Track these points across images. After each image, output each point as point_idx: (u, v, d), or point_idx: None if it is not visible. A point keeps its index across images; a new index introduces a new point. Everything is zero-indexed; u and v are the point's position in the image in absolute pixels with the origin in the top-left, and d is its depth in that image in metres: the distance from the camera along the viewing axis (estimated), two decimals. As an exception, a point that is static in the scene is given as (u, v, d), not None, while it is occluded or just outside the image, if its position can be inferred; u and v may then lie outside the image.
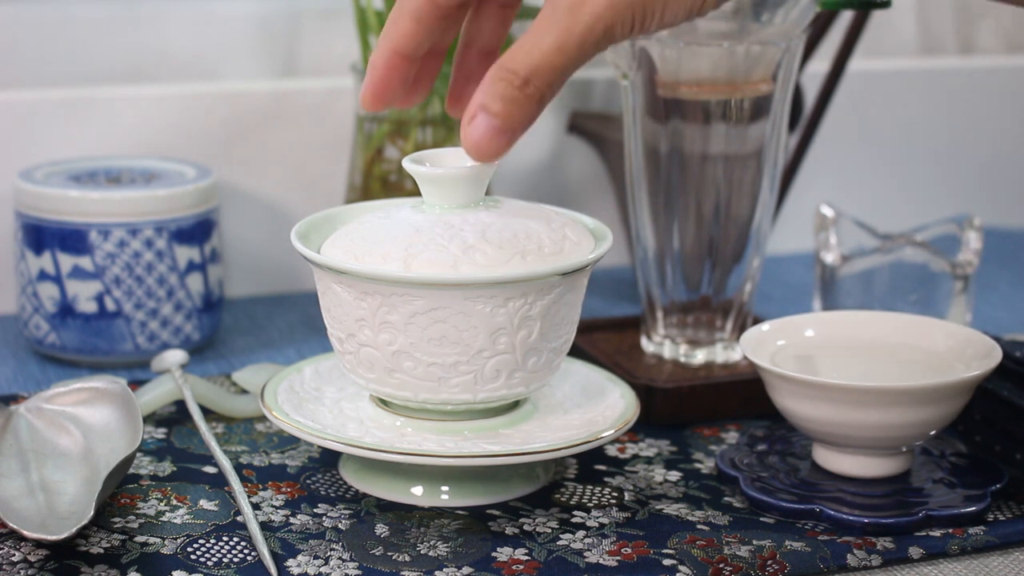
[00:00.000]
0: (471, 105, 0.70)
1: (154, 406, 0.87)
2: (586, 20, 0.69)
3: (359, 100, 0.81)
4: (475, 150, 0.70)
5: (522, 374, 0.76)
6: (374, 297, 0.74)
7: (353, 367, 0.77)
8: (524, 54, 0.70)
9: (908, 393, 0.75)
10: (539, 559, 0.72)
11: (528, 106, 0.70)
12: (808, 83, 1.08)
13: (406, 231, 0.75)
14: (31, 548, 0.72)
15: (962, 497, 0.77)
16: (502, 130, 0.70)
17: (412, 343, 0.74)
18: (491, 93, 0.70)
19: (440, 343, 0.74)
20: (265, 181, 1.10)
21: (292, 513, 0.77)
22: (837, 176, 1.24)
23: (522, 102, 0.70)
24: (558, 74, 0.70)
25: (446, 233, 0.74)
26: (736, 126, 0.88)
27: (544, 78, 0.70)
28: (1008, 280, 1.16)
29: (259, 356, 0.99)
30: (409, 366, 0.75)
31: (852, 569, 0.73)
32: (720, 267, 0.91)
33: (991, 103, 1.28)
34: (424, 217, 0.75)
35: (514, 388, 0.76)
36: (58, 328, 0.95)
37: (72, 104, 1.06)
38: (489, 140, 0.70)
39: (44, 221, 0.94)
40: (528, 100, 0.70)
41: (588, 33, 0.69)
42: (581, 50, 0.70)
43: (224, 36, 1.16)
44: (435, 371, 0.75)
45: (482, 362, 0.74)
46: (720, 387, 0.89)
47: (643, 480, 0.81)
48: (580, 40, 0.69)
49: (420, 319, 0.73)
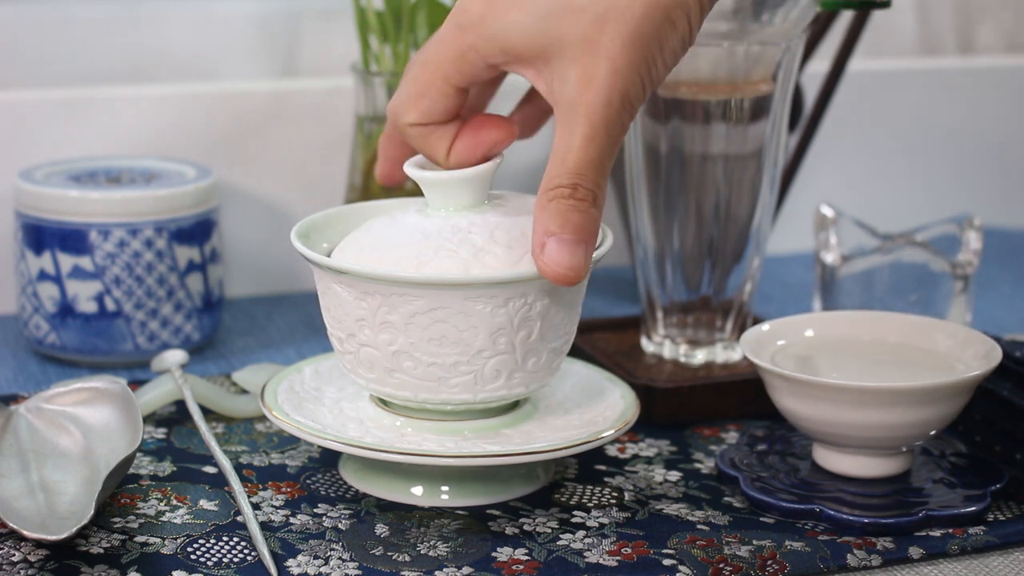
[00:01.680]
0: (535, 239, 0.70)
1: (154, 406, 0.87)
2: (600, 100, 0.69)
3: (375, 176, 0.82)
4: (559, 276, 0.70)
5: (522, 374, 0.76)
6: (374, 297, 0.74)
7: (353, 367, 0.77)
8: (559, 164, 0.70)
9: (908, 393, 0.75)
10: (539, 559, 0.72)
11: (586, 210, 0.70)
12: (808, 83, 1.08)
13: (414, 238, 0.75)
14: (31, 548, 0.72)
15: (962, 497, 0.77)
16: (575, 243, 0.70)
17: (412, 343, 0.74)
18: (547, 217, 0.70)
19: (440, 343, 0.74)
20: (265, 181, 1.10)
21: (292, 513, 0.77)
22: (837, 176, 1.24)
23: (581, 209, 0.69)
24: (598, 166, 0.69)
25: (454, 237, 0.74)
26: (736, 126, 0.88)
27: (589, 176, 0.69)
28: (1008, 280, 1.17)
29: (259, 356, 0.99)
30: (409, 366, 0.75)
31: (852, 569, 0.73)
32: (720, 267, 0.91)
33: (991, 103, 1.28)
34: (430, 221, 0.75)
35: (514, 388, 0.76)
36: (58, 328, 0.95)
37: (72, 104, 1.06)
38: (569, 259, 0.70)
39: (44, 221, 0.94)
40: (584, 204, 0.69)
41: (607, 110, 0.69)
42: (609, 132, 0.69)
43: (224, 36, 1.16)
44: (435, 371, 0.75)
45: (482, 362, 0.74)
46: (720, 387, 0.89)
47: (643, 480, 0.81)
48: (604, 122, 0.69)
49: (420, 319, 0.73)
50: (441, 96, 0.74)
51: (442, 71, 0.74)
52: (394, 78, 0.99)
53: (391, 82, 0.99)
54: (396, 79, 0.99)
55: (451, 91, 0.74)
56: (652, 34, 0.69)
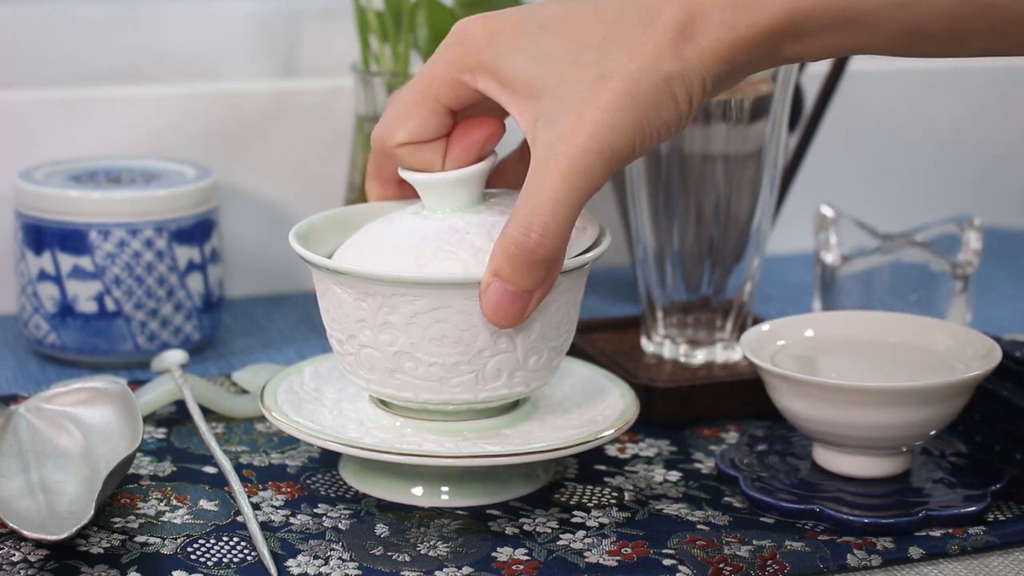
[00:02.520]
0: (487, 269, 0.71)
1: (154, 406, 0.87)
2: (585, 145, 0.69)
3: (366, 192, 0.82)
4: (494, 320, 0.72)
5: (523, 373, 0.76)
6: (375, 298, 0.74)
7: (354, 368, 0.77)
8: (526, 202, 0.70)
9: (908, 393, 0.75)
10: (539, 559, 0.72)
11: (540, 260, 0.70)
12: (808, 83, 1.08)
13: (412, 240, 0.75)
14: (31, 548, 0.72)
15: (962, 497, 0.77)
16: (515, 296, 0.71)
17: (413, 343, 0.74)
18: (500, 256, 0.70)
19: (441, 343, 0.74)
20: (265, 181, 1.10)
21: (292, 513, 0.77)
22: (837, 176, 1.24)
23: (535, 259, 0.70)
24: (566, 207, 0.69)
25: (452, 239, 0.74)
26: (736, 126, 0.88)
27: (553, 219, 0.69)
28: (1008, 280, 1.17)
29: (259, 356, 0.99)
30: (410, 367, 0.75)
31: (852, 569, 0.73)
32: (720, 267, 0.91)
33: (991, 103, 1.28)
34: (428, 224, 0.75)
35: (515, 387, 0.76)
36: (58, 328, 0.95)
37: (72, 104, 1.06)
38: (505, 310, 0.71)
39: (44, 221, 0.94)
40: (539, 252, 0.70)
41: (588, 157, 0.69)
42: (587, 177, 0.69)
43: (224, 36, 1.16)
44: (436, 371, 0.75)
45: (483, 361, 0.74)
46: (720, 387, 0.89)
47: (643, 480, 0.81)
48: (584, 166, 0.69)
49: (421, 319, 0.73)
50: (432, 115, 0.74)
51: (435, 90, 0.74)
52: (394, 78, 0.99)
53: (391, 82, 0.99)
54: (396, 79, 0.99)
55: (442, 111, 0.74)
56: (651, 101, 0.69)
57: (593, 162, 0.69)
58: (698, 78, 0.70)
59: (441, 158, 0.75)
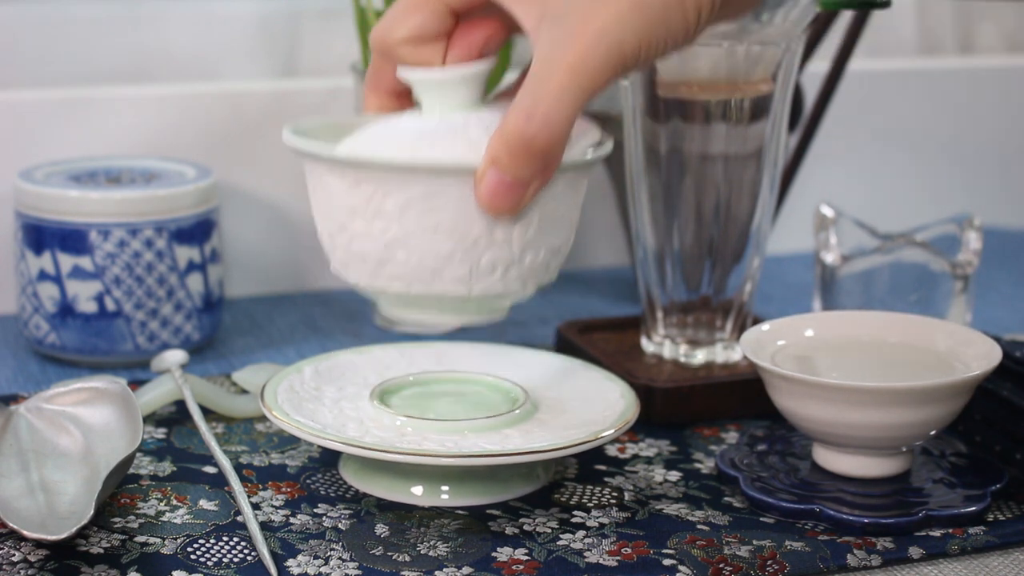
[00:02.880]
0: (486, 154, 0.69)
1: (154, 406, 0.87)
2: (595, 41, 0.68)
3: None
4: (489, 208, 0.70)
5: (518, 269, 0.73)
6: (368, 184, 0.71)
7: (344, 262, 0.74)
8: (530, 92, 0.68)
9: (908, 393, 0.75)
10: (539, 559, 0.72)
11: (541, 148, 0.68)
12: (808, 83, 1.08)
13: (409, 136, 0.72)
14: (31, 548, 0.72)
15: (962, 497, 0.77)
16: (512, 184, 0.69)
17: (407, 232, 0.71)
18: (499, 141, 0.69)
19: (435, 231, 0.71)
20: (265, 181, 1.10)
21: (292, 513, 0.77)
22: (837, 176, 1.24)
23: (535, 147, 0.68)
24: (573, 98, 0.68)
25: (450, 133, 0.71)
26: (736, 126, 0.88)
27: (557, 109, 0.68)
28: (1008, 280, 1.17)
29: (259, 356, 0.99)
30: (402, 256, 0.72)
31: (852, 569, 0.73)
32: (720, 267, 0.91)
33: (991, 103, 1.29)
34: (426, 121, 0.73)
35: (510, 284, 0.73)
36: (58, 328, 0.95)
37: (72, 104, 1.06)
38: (502, 199, 0.70)
39: (44, 221, 0.94)
40: (541, 138, 0.68)
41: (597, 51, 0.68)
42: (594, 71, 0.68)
43: (224, 36, 1.16)
44: (429, 262, 0.72)
45: (478, 253, 0.71)
46: (720, 387, 0.89)
47: (643, 480, 0.81)
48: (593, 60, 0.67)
49: (416, 206, 0.71)
50: (434, 14, 0.73)
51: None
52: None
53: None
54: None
55: (444, 10, 0.72)
56: (660, 9, 0.69)
57: (600, 62, 0.68)
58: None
59: (441, 57, 0.74)
